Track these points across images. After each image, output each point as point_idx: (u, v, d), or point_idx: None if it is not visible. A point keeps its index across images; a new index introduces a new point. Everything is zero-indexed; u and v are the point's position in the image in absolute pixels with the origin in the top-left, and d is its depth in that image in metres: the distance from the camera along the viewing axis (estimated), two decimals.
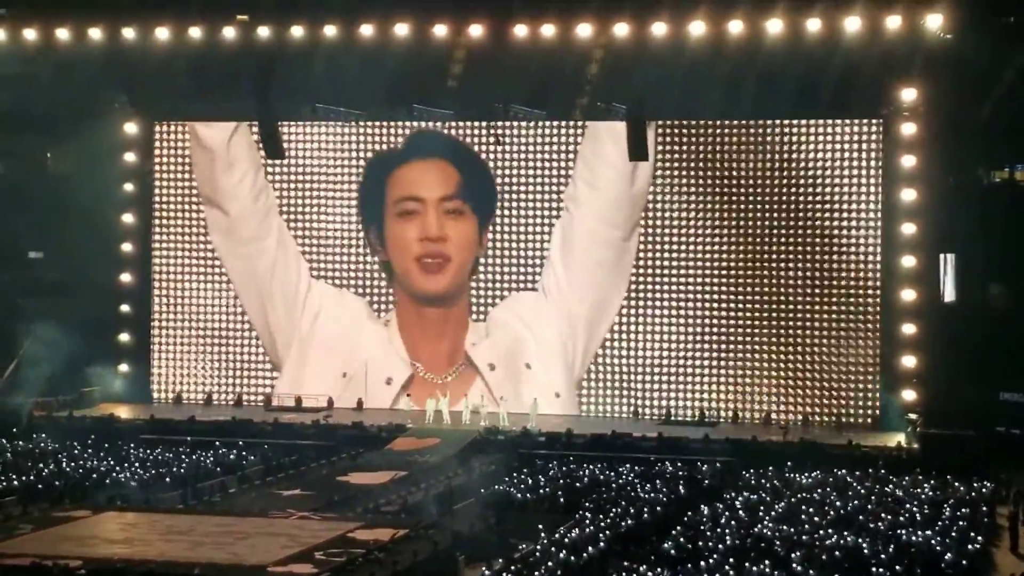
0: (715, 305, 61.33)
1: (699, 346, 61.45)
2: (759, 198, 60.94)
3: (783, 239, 60.68)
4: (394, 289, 63.79)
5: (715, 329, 61.34)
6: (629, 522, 40.84)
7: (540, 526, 39.79)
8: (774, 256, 60.75)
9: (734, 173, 61.29)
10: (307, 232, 65.12)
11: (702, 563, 36.06)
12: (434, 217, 62.32)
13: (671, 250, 61.81)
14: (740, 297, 61.04)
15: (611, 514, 41.86)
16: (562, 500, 45.24)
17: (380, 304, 64.18)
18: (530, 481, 48.14)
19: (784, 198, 60.68)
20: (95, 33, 62.10)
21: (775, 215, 60.74)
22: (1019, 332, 59.04)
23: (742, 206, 61.11)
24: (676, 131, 61.82)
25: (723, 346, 61.20)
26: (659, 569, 35.69)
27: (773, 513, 42.15)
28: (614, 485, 47.34)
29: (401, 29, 59.97)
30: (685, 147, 61.83)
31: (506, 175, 63.53)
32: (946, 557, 36.93)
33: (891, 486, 47.31)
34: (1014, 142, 62.37)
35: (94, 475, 48.65)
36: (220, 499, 47.16)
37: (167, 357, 66.24)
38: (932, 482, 47.85)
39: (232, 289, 65.53)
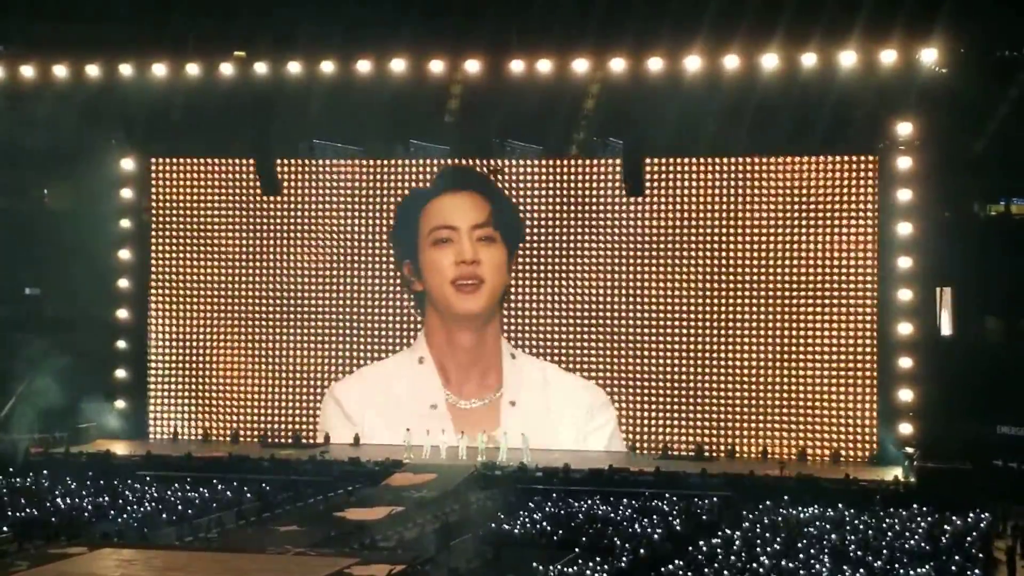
0: (712, 339, 61.32)
1: (696, 380, 61.41)
2: (755, 232, 61.00)
3: (780, 273, 60.71)
4: (427, 318, 64.09)
5: (712, 363, 61.31)
6: (627, 558, 40.75)
7: (537, 562, 39.68)
8: (771, 290, 60.77)
9: (730, 207, 61.36)
10: (304, 268, 65.13)
11: None
12: (468, 243, 63.09)
13: (667, 285, 61.85)
14: (737, 331, 61.04)
15: (608, 550, 41.76)
16: (559, 535, 45.13)
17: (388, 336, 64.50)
18: (527, 516, 48.04)
19: (780, 232, 60.74)
20: (92, 70, 62.36)
21: (771, 249, 60.79)
22: (1016, 365, 59.08)
23: (738, 240, 61.17)
24: (672, 166, 61.90)
25: (720, 380, 61.16)
26: None
27: (771, 548, 42.05)
28: (611, 520, 47.22)
29: (398, 65, 60.24)
30: (680, 182, 61.91)
31: None
32: None
33: (888, 520, 47.20)
34: (1009, 176, 62.60)
35: (90, 512, 48.52)
36: (217, 535, 47.00)
37: (164, 393, 66.16)
38: (929, 516, 47.75)
39: (228, 326, 65.59)
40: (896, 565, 39.75)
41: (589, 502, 50.59)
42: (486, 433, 60.20)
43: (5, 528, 46.02)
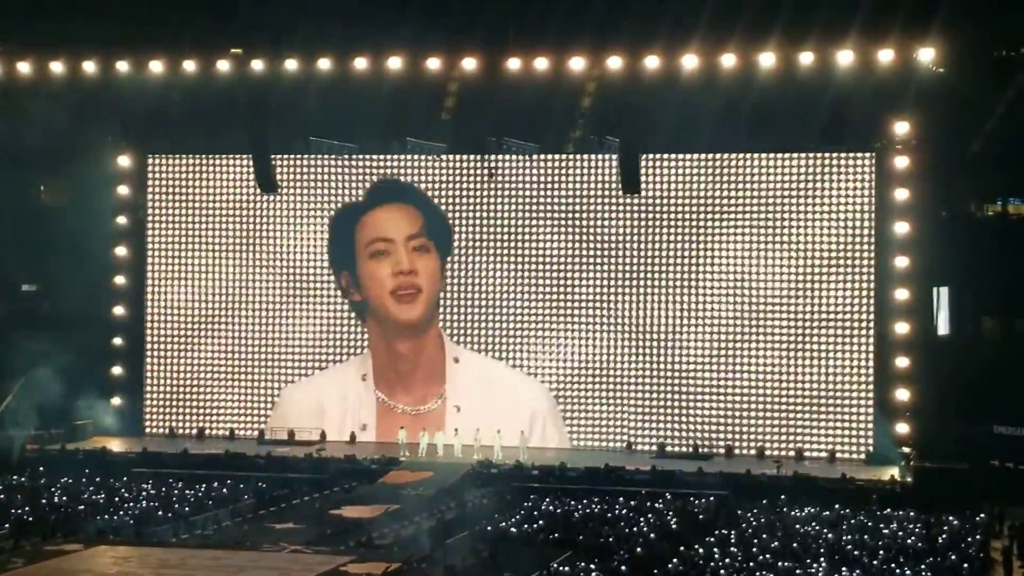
0: (709, 338, 61.32)
1: (693, 379, 61.40)
2: (751, 231, 60.99)
3: (776, 272, 60.71)
4: (368, 330, 64.35)
5: (709, 362, 61.32)
6: (623, 556, 40.73)
7: (533, 561, 39.67)
8: (767, 289, 60.77)
9: (726, 206, 61.37)
10: (301, 265, 65.13)
11: None
12: (404, 253, 63.73)
13: (663, 283, 61.84)
14: (734, 330, 61.05)
15: (605, 548, 41.76)
16: (555, 534, 45.11)
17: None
18: (523, 515, 48.03)
19: (776, 231, 60.74)
20: (89, 66, 62.28)
21: (767, 248, 60.79)
22: (1012, 365, 59.09)
23: (734, 239, 61.17)
24: (668, 164, 61.90)
25: (717, 379, 61.16)
26: None
27: (767, 547, 42.03)
28: (608, 519, 47.20)
29: (395, 63, 60.19)
30: (677, 180, 61.91)
31: (498, 208, 63.64)
32: None
33: (885, 520, 47.20)
34: (1006, 175, 62.67)
35: (86, 509, 48.48)
36: (213, 533, 46.98)
37: (160, 390, 66.14)
38: (925, 516, 47.75)
39: (224, 323, 65.60)
40: (892, 565, 39.75)
41: (585, 501, 50.56)
42: (427, 431, 60.50)
43: (4, 525, 46.01)
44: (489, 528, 46.00)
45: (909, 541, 43.33)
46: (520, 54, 59.50)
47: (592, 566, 39.23)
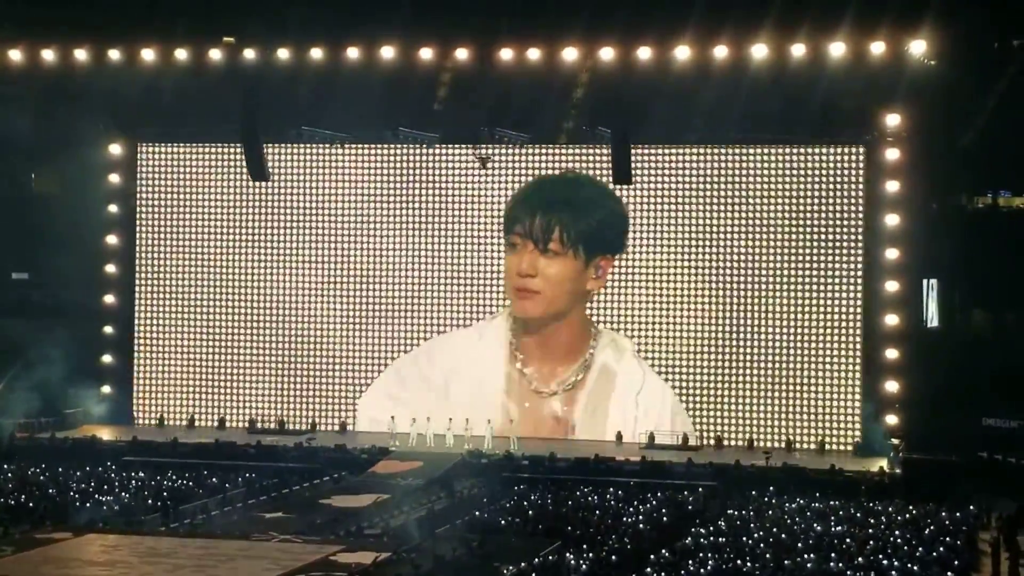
0: (698, 329, 61.40)
1: (682, 370, 61.48)
2: (742, 223, 61.09)
3: (766, 264, 60.82)
4: None
5: (698, 353, 61.39)
6: (612, 547, 40.79)
7: (522, 550, 39.72)
8: (757, 280, 60.88)
9: (717, 197, 61.43)
10: (292, 254, 65.11)
11: None
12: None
13: (652, 275, 61.90)
14: (723, 321, 61.14)
15: (594, 539, 41.82)
16: (545, 524, 45.14)
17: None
18: (513, 505, 48.08)
19: (767, 223, 60.84)
20: (80, 55, 62.19)
21: (758, 240, 60.89)
22: (1001, 357, 59.22)
23: (725, 231, 61.26)
24: (659, 155, 61.93)
25: (706, 371, 61.26)
26: None
27: (755, 538, 42.12)
28: (597, 509, 47.27)
29: (387, 52, 60.18)
30: (668, 171, 61.95)
31: (491, 198, 63.63)
32: None
33: (873, 511, 47.29)
34: (997, 168, 62.79)
35: (75, 497, 48.46)
36: (202, 521, 46.98)
37: (150, 379, 66.15)
38: (914, 508, 47.84)
39: (214, 312, 65.59)
40: (880, 556, 39.82)
41: (575, 491, 50.60)
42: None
43: None
44: (479, 518, 46.03)
45: (897, 532, 43.39)
46: (513, 44, 59.49)
47: (581, 556, 39.27)
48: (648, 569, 37.98)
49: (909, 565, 38.61)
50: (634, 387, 61.82)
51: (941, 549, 40.87)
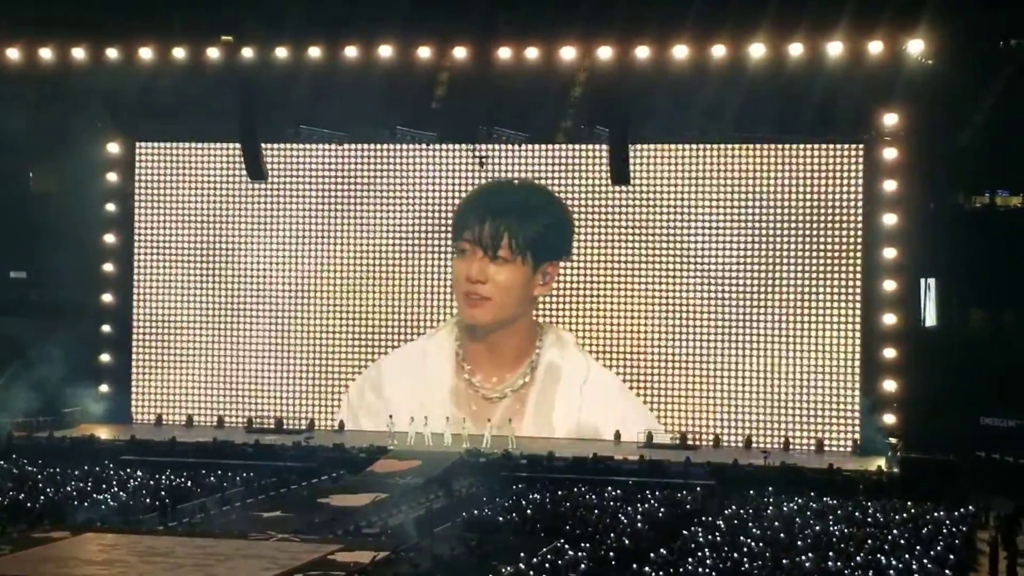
0: (697, 328, 61.39)
1: (680, 369, 61.48)
2: (740, 222, 61.08)
3: (764, 262, 60.81)
4: None
5: (697, 352, 61.40)
6: (610, 546, 40.81)
7: (521, 549, 39.73)
8: (755, 279, 60.86)
9: (715, 197, 61.43)
10: (289, 253, 65.11)
11: None
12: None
13: (651, 273, 61.92)
14: (721, 320, 61.12)
15: (592, 538, 41.84)
16: (543, 523, 45.17)
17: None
18: (511, 504, 48.09)
19: (765, 222, 60.82)
20: (78, 53, 62.15)
21: (756, 239, 60.88)
22: (999, 357, 59.28)
23: (723, 230, 61.25)
24: (658, 154, 61.95)
25: (705, 369, 61.25)
26: None
27: (753, 537, 42.13)
28: (595, 508, 47.28)
29: (385, 51, 60.16)
30: (666, 170, 61.96)
31: None
32: None
33: (871, 511, 47.32)
34: (994, 167, 62.88)
35: (73, 496, 48.46)
36: (200, 521, 46.97)
37: (148, 378, 66.11)
38: (912, 507, 47.87)
39: (212, 311, 65.60)
40: (878, 555, 39.84)
41: (573, 490, 50.61)
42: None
43: None
44: (477, 517, 46.04)
45: (895, 532, 43.41)
46: (511, 43, 59.48)
47: (579, 555, 39.28)
48: (646, 568, 37.98)
49: (907, 564, 38.63)
50: (578, 379, 62.18)
51: (939, 548, 40.90)
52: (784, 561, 38.99)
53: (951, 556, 40.17)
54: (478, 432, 59.69)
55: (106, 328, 66.16)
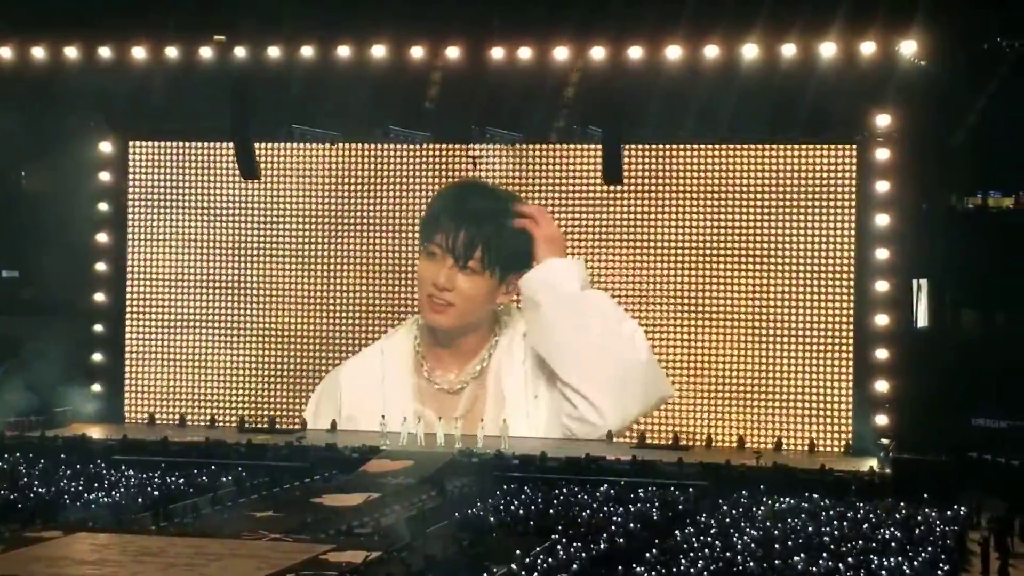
0: (688, 328, 61.39)
1: (673, 369, 61.46)
2: (732, 222, 61.09)
3: (756, 263, 60.79)
4: None
5: (689, 352, 61.40)
6: (603, 546, 40.84)
7: (513, 550, 39.74)
8: (747, 280, 60.85)
9: (707, 197, 61.44)
10: (282, 253, 65.07)
11: None
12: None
13: (643, 273, 61.93)
14: (713, 321, 61.13)
15: (585, 538, 41.87)
16: (536, 523, 45.20)
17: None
18: (504, 504, 48.10)
19: (757, 222, 60.81)
20: (71, 52, 62.12)
21: (748, 239, 60.87)
22: (991, 357, 59.37)
23: (715, 230, 61.26)
24: (650, 154, 61.97)
25: (696, 369, 61.26)
26: None
27: (746, 538, 42.18)
28: (588, 509, 47.31)
29: (378, 51, 60.18)
30: (659, 170, 61.99)
31: None
32: None
33: (863, 511, 47.37)
34: (987, 168, 62.93)
35: (65, 496, 48.41)
36: (192, 520, 46.96)
37: (140, 378, 66.03)
38: (904, 508, 47.91)
39: (205, 311, 65.55)
40: (870, 555, 39.89)
41: (566, 490, 50.64)
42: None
43: None
44: (470, 517, 46.05)
45: (887, 532, 43.46)
46: (504, 43, 59.52)
47: (572, 555, 39.30)
48: (638, 568, 38.04)
49: (899, 565, 38.67)
50: (520, 331, 62.10)
51: (931, 549, 40.95)
52: (776, 561, 39.04)
53: (943, 557, 40.21)
54: (448, 431, 59.44)
55: (98, 327, 66.05)
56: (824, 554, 39.83)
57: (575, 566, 38.15)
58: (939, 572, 38.50)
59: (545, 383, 61.52)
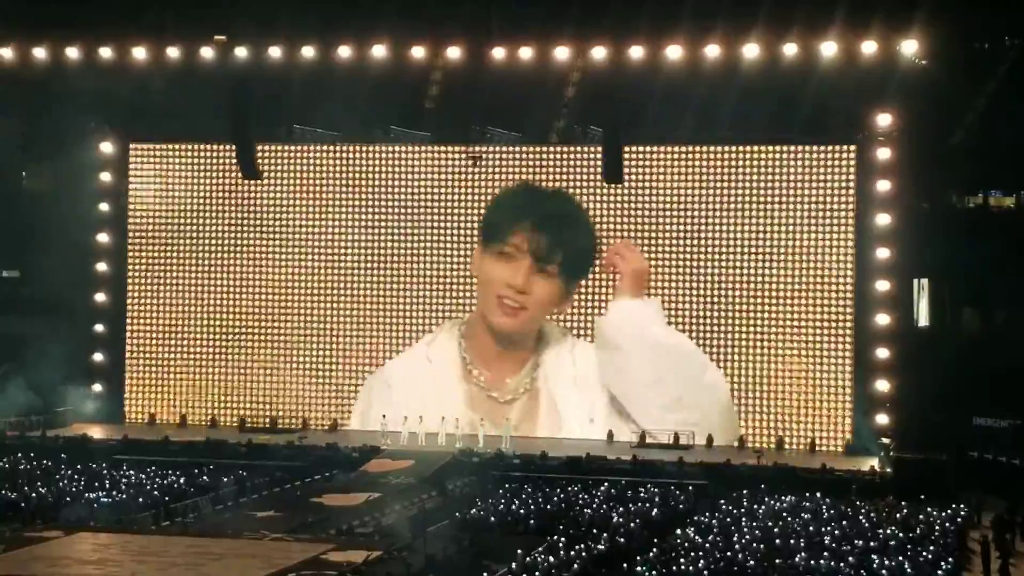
0: (689, 327, 61.37)
1: None
2: (733, 222, 61.09)
3: (757, 263, 60.80)
4: None
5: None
6: (603, 545, 40.84)
7: (514, 549, 39.74)
8: (748, 279, 60.86)
9: (708, 197, 61.44)
10: (282, 253, 65.08)
11: None
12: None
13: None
14: (714, 321, 61.13)
15: (585, 537, 41.87)
16: (536, 523, 45.20)
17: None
18: (504, 503, 48.10)
19: (758, 222, 60.83)
20: (72, 53, 62.16)
21: (749, 239, 60.88)
22: (991, 357, 59.35)
23: (715, 230, 61.26)
24: (650, 154, 61.97)
25: None
26: None
27: (746, 537, 42.17)
28: (588, 508, 47.30)
29: (379, 51, 60.21)
30: (660, 171, 61.99)
31: (482, 197, 63.66)
32: None
33: (864, 510, 47.37)
34: (987, 168, 62.90)
35: (66, 495, 48.42)
36: (193, 520, 47.00)
37: (141, 377, 66.06)
38: (905, 507, 47.90)
39: (206, 311, 65.58)
40: (871, 554, 39.88)
41: (567, 490, 50.63)
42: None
43: None
44: (470, 516, 46.05)
45: (888, 531, 43.45)
46: (504, 43, 59.57)
47: (572, 554, 39.30)
48: (639, 567, 38.03)
49: (900, 564, 38.67)
50: (566, 347, 61.97)
51: (932, 548, 40.94)
52: (776, 560, 39.04)
53: (943, 556, 40.20)
54: (497, 433, 59.38)
55: (99, 327, 66.11)
56: (825, 553, 39.82)
57: (575, 565, 38.13)
58: (939, 571, 38.49)
59: (604, 410, 61.27)
